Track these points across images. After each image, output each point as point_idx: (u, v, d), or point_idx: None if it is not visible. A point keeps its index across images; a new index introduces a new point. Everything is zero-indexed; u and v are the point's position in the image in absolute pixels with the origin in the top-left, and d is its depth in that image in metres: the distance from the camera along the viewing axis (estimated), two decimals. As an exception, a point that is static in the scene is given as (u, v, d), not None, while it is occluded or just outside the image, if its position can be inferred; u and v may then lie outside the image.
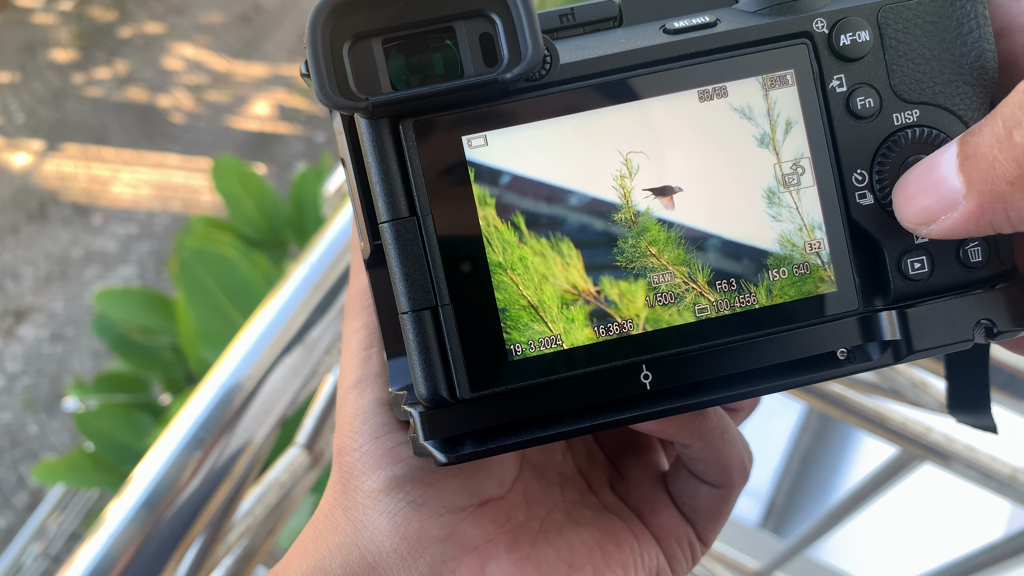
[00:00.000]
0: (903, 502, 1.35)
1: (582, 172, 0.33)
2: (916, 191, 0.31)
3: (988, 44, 0.33)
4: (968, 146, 0.29)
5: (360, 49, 0.30)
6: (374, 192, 0.32)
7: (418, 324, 0.32)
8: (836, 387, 0.80)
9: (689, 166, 0.33)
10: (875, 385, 0.77)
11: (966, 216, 0.29)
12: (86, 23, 4.35)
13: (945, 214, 0.29)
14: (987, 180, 0.28)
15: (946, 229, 0.30)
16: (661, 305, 0.33)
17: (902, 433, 0.79)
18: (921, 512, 1.62)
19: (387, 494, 0.35)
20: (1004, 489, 0.78)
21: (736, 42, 0.33)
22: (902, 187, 0.32)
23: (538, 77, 0.32)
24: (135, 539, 0.58)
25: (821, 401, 0.81)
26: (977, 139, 0.28)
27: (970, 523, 1.47)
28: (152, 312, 2.27)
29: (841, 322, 0.33)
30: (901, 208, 0.32)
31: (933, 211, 0.30)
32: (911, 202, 0.31)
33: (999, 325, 0.33)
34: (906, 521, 1.63)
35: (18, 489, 2.87)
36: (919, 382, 0.73)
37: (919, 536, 1.60)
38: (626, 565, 0.38)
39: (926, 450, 0.79)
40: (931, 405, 0.73)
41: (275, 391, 0.63)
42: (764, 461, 1.99)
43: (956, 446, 0.78)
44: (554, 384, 0.32)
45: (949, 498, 1.52)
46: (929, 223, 0.30)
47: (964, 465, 0.78)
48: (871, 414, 0.79)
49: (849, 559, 1.57)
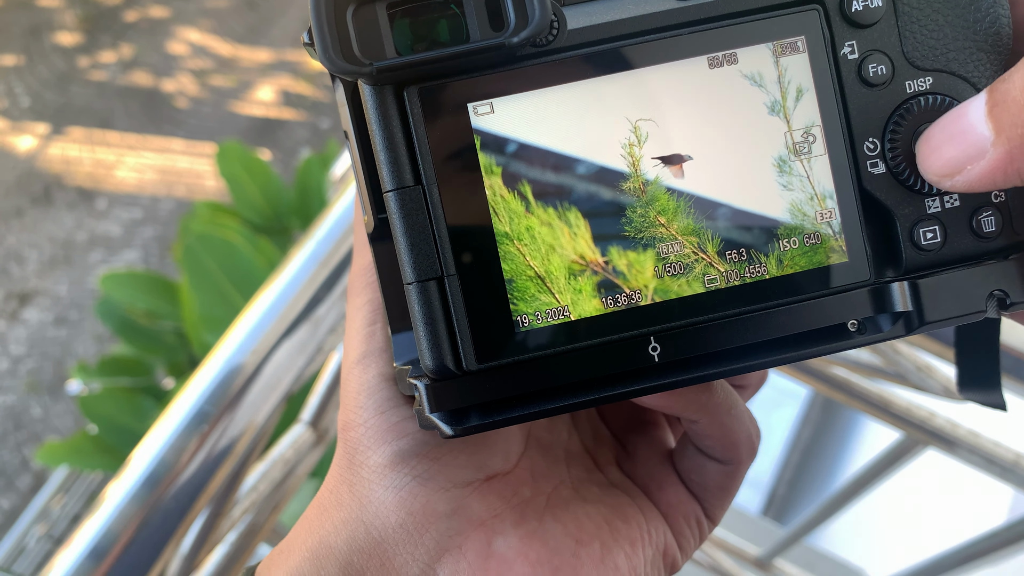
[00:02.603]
0: (904, 489, 1.35)
1: (590, 140, 0.32)
2: (942, 141, 0.30)
3: (1003, 10, 0.33)
4: (997, 92, 0.28)
5: (364, 14, 0.30)
6: (378, 161, 0.32)
7: (424, 295, 0.31)
8: (841, 371, 0.80)
9: (699, 134, 0.33)
10: (880, 369, 0.77)
11: (994, 164, 0.28)
12: (91, 7, 4.34)
13: (972, 163, 0.29)
14: (1017, 124, 0.27)
15: (972, 179, 0.29)
16: (670, 276, 0.33)
17: (906, 418, 0.79)
18: (922, 498, 1.62)
19: (392, 469, 0.35)
20: (1007, 475, 0.78)
21: (746, 8, 0.32)
22: (927, 139, 0.31)
23: (545, 43, 0.31)
24: (140, 511, 0.58)
25: (825, 385, 0.81)
26: (1007, 84, 0.28)
27: (972, 509, 1.47)
28: (156, 296, 2.27)
29: (852, 293, 0.33)
30: (925, 160, 0.31)
31: (959, 161, 0.29)
32: (936, 153, 0.30)
33: (1012, 296, 0.32)
34: (907, 508, 1.64)
35: (22, 471, 2.89)
36: (924, 366, 0.73)
37: (920, 523, 1.60)
38: (634, 540, 0.38)
39: (930, 435, 0.79)
40: (936, 390, 0.73)
41: (280, 367, 0.63)
42: (766, 452, 1.99)
43: (960, 431, 0.78)
44: (561, 356, 0.32)
45: (951, 484, 1.52)
46: (954, 174, 0.29)
47: (967, 450, 0.78)
48: (875, 398, 0.79)
49: (850, 547, 1.57)
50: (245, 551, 0.66)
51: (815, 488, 1.99)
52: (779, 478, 2.02)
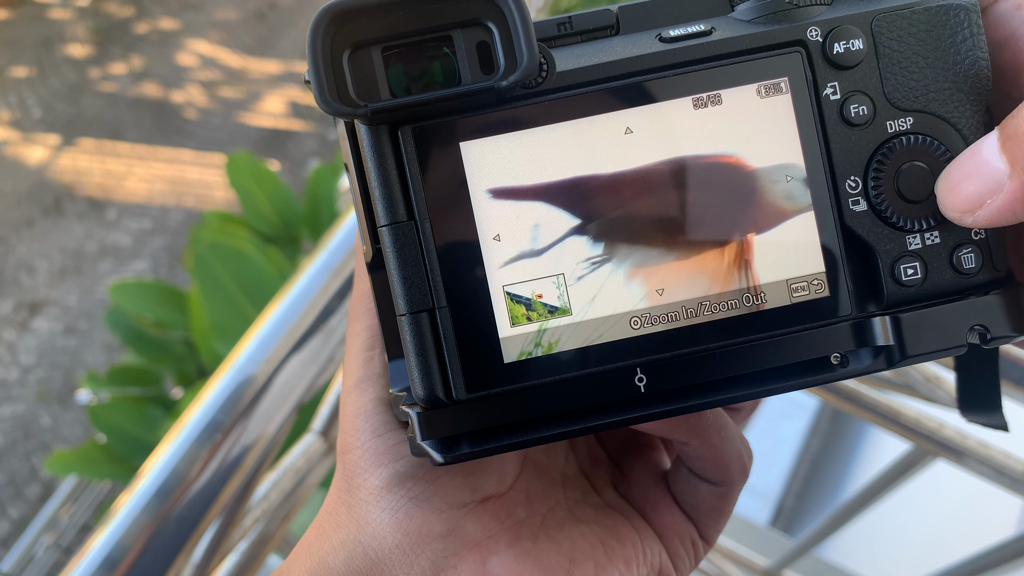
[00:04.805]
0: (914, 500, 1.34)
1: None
2: (960, 179, 0.31)
3: (982, 53, 0.33)
4: (1008, 127, 0.29)
5: (360, 57, 0.31)
6: (373, 197, 0.33)
7: (415, 326, 0.32)
8: (849, 382, 0.80)
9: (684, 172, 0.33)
10: (888, 380, 0.77)
11: (1013, 196, 0.29)
12: (102, 19, 4.38)
13: (991, 198, 0.30)
14: None
15: (993, 213, 0.30)
16: None
17: (915, 429, 0.79)
18: (931, 510, 1.61)
19: (389, 491, 0.36)
20: (1017, 486, 0.78)
21: (731, 50, 0.33)
22: (945, 178, 0.32)
23: (535, 84, 0.32)
24: (153, 521, 0.59)
25: (834, 396, 0.81)
26: (1018, 120, 0.29)
27: (981, 521, 1.46)
28: (165, 306, 2.28)
29: (834, 327, 0.33)
30: (946, 198, 0.32)
31: (979, 196, 0.30)
32: (956, 191, 0.31)
33: (992, 331, 0.33)
34: (916, 520, 1.63)
35: (31, 480, 2.90)
36: (933, 377, 0.73)
37: (929, 535, 1.60)
38: (628, 560, 0.38)
39: (939, 446, 0.79)
40: (945, 401, 0.73)
41: (292, 377, 0.64)
42: (774, 464, 1.99)
43: (969, 442, 0.78)
44: (548, 386, 0.33)
45: (960, 495, 1.52)
46: (975, 209, 0.31)
47: (977, 461, 0.78)
48: (884, 409, 0.79)
49: (859, 559, 1.56)
50: (256, 560, 0.66)
51: (824, 499, 1.98)
52: (788, 489, 2.01)
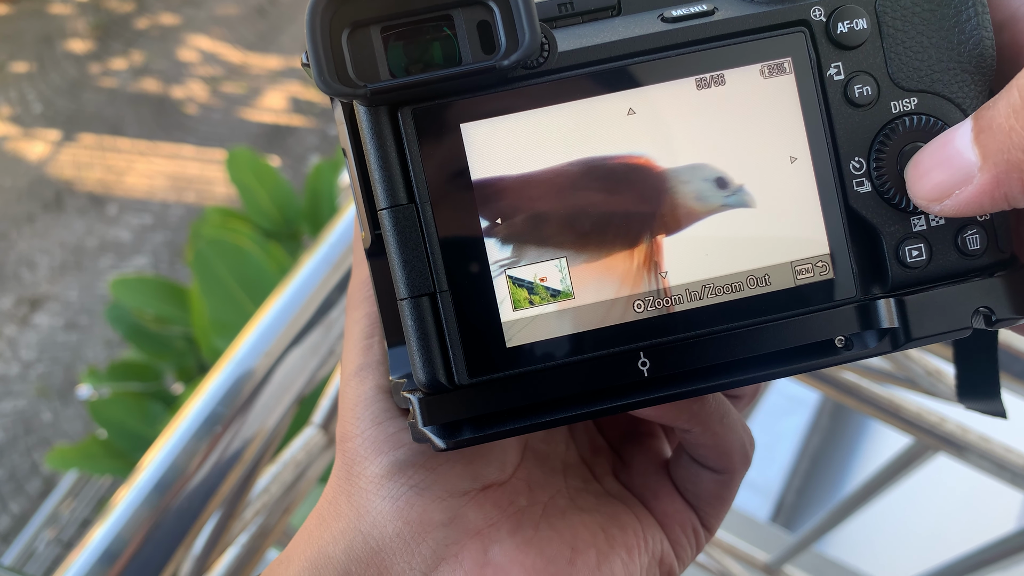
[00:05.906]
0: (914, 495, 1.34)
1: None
2: (930, 167, 0.31)
3: (986, 32, 0.33)
4: (983, 119, 0.29)
5: (359, 37, 0.30)
6: (373, 180, 0.32)
7: (416, 310, 0.32)
8: (850, 376, 0.80)
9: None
10: (890, 374, 0.77)
11: (981, 189, 0.29)
12: (103, 14, 4.37)
13: (959, 188, 0.29)
14: (1003, 150, 0.28)
15: (960, 204, 0.30)
16: None
17: (916, 423, 0.79)
18: (932, 504, 1.61)
19: (389, 479, 0.36)
20: (1018, 480, 0.78)
21: (733, 30, 0.33)
22: (915, 164, 0.32)
23: (536, 65, 0.32)
24: (153, 514, 0.59)
25: (835, 390, 0.81)
26: (992, 112, 0.29)
27: (982, 515, 1.46)
28: (166, 301, 2.29)
29: (839, 310, 0.33)
30: (914, 185, 0.32)
31: (947, 186, 0.30)
32: (925, 178, 0.31)
33: (997, 313, 0.33)
34: (917, 514, 1.63)
35: (31, 476, 2.90)
36: (934, 371, 0.73)
37: (929, 529, 1.60)
38: (630, 548, 0.38)
39: (940, 440, 0.79)
40: (946, 394, 0.73)
41: (292, 370, 0.64)
42: (775, 459, 1.99)
43: (970, 436, 0.78)
44: (551, 371, 0.32)
45: (961, 490, 1.52)
46: (943, 198, 0.30)
47: (978, 456, 0.78)
48: (885, 403, 0.79)
49: (860, 554, 1.56)
50: (256, 553, 0.66)
51: (824, 494, 1.98)
52: (788, 484, 2.01)
